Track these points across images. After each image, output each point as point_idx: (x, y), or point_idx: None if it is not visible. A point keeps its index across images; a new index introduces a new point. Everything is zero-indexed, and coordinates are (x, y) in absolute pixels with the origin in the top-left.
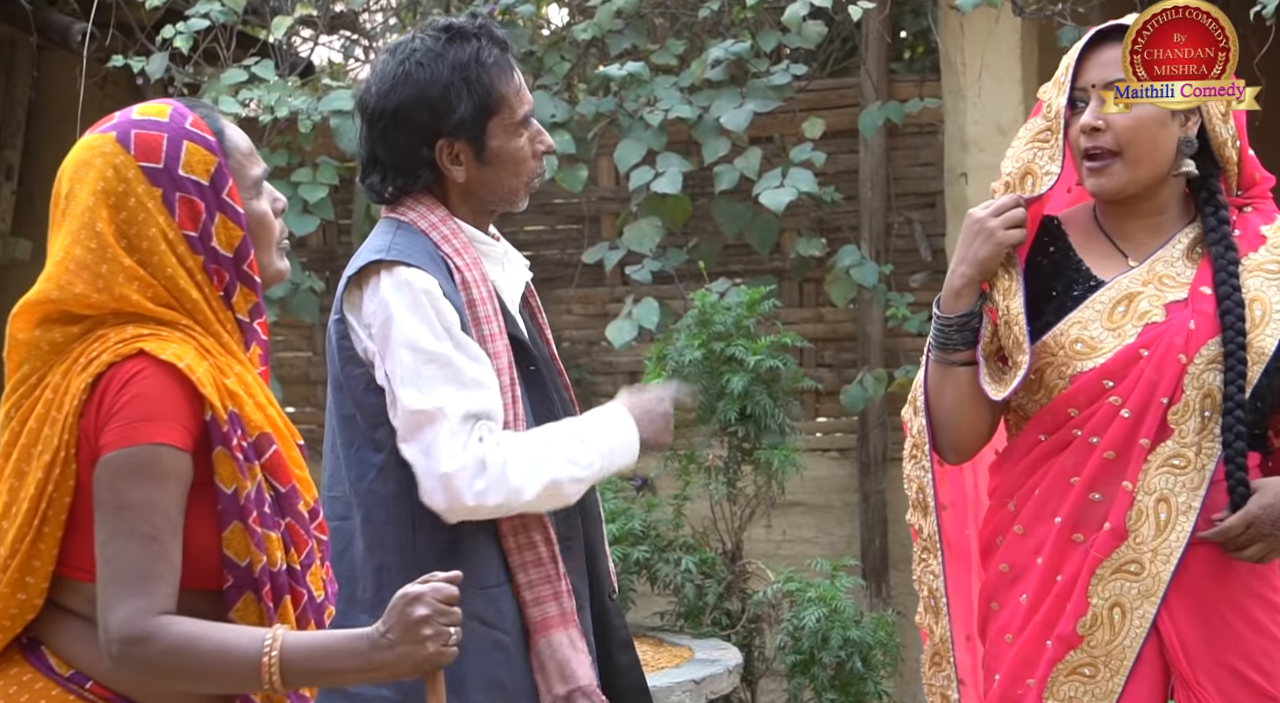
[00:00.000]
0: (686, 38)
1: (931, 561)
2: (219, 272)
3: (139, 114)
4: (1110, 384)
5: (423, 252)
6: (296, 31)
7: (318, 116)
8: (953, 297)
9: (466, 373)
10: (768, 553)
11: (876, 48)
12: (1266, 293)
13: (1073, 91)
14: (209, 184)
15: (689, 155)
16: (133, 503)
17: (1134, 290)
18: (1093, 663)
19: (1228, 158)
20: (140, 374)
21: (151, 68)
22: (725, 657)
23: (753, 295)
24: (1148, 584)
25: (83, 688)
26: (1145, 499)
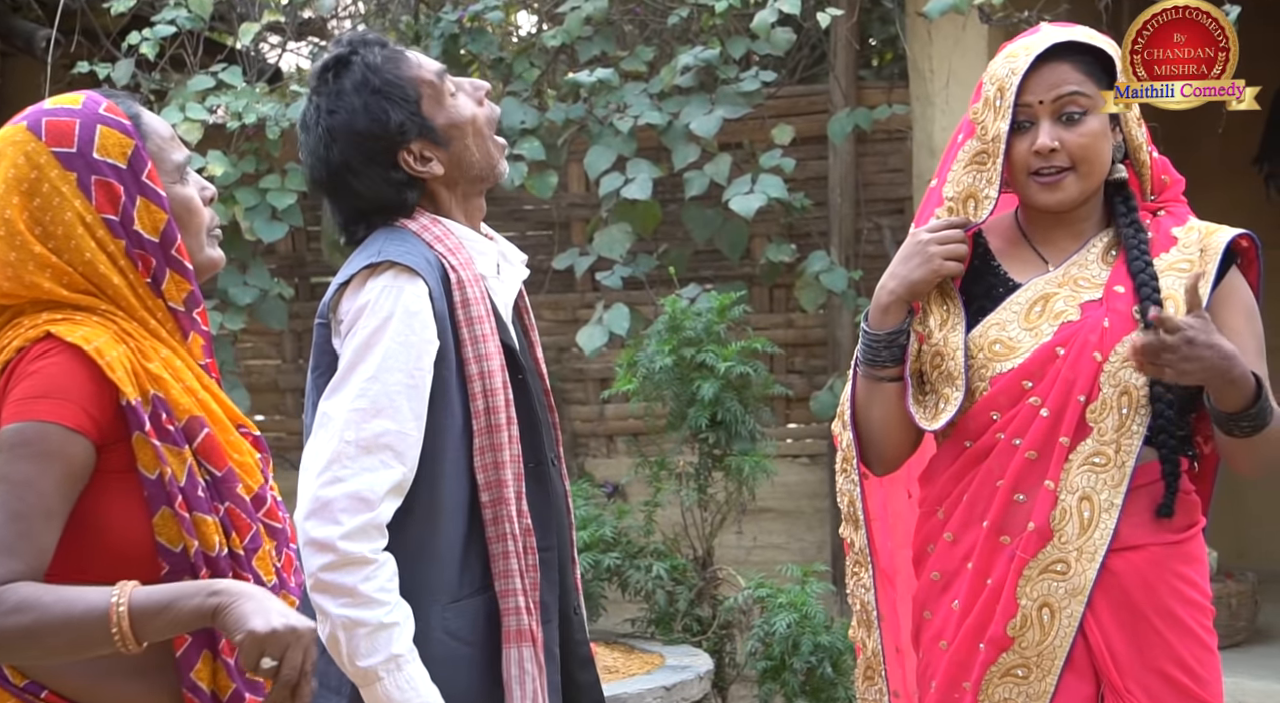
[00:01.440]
0: (656, 44)
1: (863, 574)
2: (144, 257)
3: (51, 103)
4: (1029, 384)
5: (417, 254)
6: (264, 38)
7: (286, 123)
8: (880, 313)
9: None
10: (738, 559)
11: (845, 55)
12: (1178, 292)
13: (1017, 109)
14: (126, 167)
15: (659, 162)
16: (7, 477)
17: (1049, 292)
18: (1025, 664)
19: (1142, 161)
20: (45, 355)
21: (117, 74)
22: (696, 663)
23: (723, 301)
24: (1075, 583)
25: (38, 698)
26: (1068, 498)
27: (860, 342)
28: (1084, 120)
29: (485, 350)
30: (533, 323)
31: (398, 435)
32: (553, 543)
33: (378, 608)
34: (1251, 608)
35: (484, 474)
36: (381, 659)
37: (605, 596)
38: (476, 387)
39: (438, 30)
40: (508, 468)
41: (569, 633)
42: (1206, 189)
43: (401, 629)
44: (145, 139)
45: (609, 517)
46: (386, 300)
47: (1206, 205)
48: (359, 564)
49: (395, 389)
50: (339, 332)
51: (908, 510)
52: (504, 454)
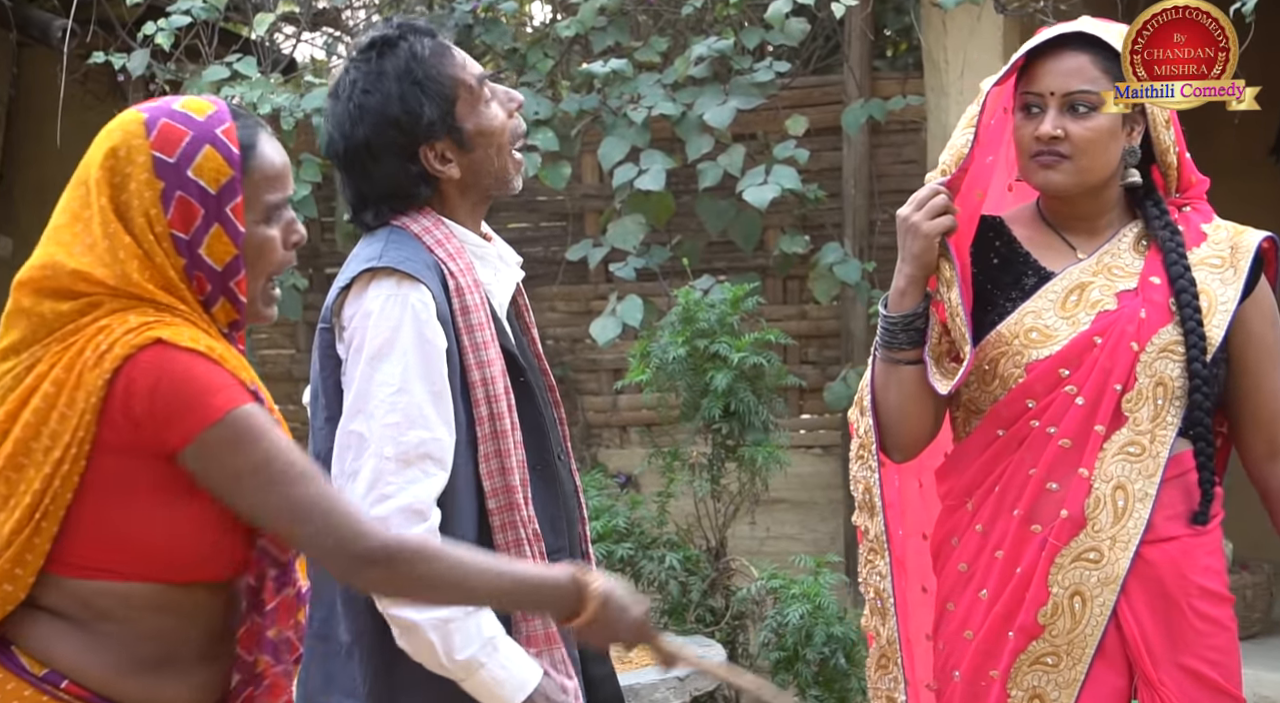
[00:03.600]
0: (670, 35)
1: (879, 561)
2: (201, 278)
3: (179, 105)
4: (1066, 372)
5: (417, 258)
6: (279, 28)
7: (300, 114)
8: (898, 296)
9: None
10: (751, 550)
11: (859, 45)
12: (1211, 286)
13: (1026, 95)
14: (215, 193)
15: (672, 152)
16: (265, 458)
17: (1085, 280)
18: (1055, 652)
19: (1169, 163)
20: (169, 364)
21: (133, 65)
22: (709, 653)
23: (736, 292)
24: (1107, 572)
25: (57, 688)
26: (1103, 487)
27: (879, 326)
28: (1091, 115)
29: (487, 356)
30: (532, 321)
31: (435, 444)
32: (563, 545)
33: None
34: (1267, 600)
35: (490, 481)
36: (479, 646)
37: None
38: (479, 394)
39: (452, 20)
40: (514, 473)
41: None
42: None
43: (488, 614)
44: (248, 173)
45: (622, 508)
46: (392, 309)
47: (1221, 198)
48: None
49: (423, 399)
50: (343, 338)
51: (918, 500)
52: (510, 460)
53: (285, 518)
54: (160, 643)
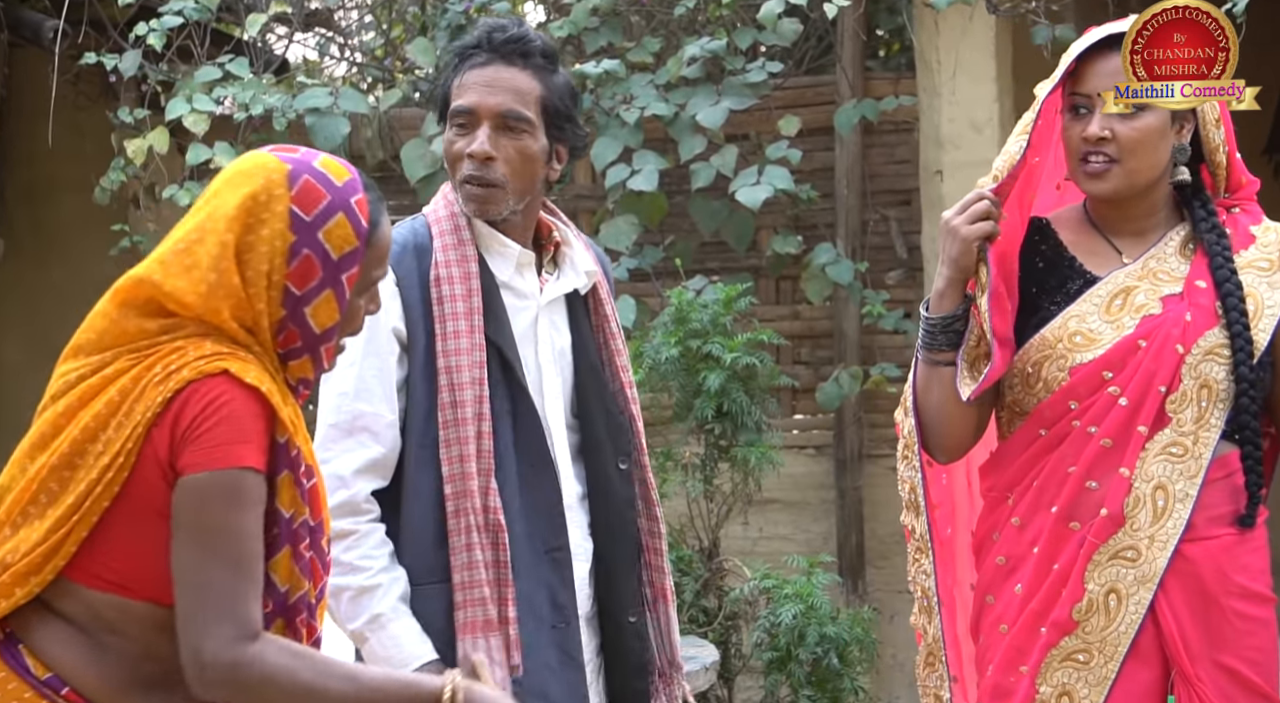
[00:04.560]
0: (662, 35)
1: (924, 560)
2: (292, 334)
3: (321, 164)
4: (1109, 375)
5: (405, 242)
6: (271, 29)
7: (292, 114)
8: (937, 298)
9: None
10: (744, 550)
11: (852, 45)
12: (1258, 289)
13: (1074, 96)
14: (336, 260)
15: (665, 153)
16: (225, 528)
17: (1130, 284)
18: (1087, 649)
19: (1218, 163)
20: (226, 395)
21: (125, 65)
22: (702, 654)
23: (729, 293)
24: (1144, 570)
25: (57, 694)
26: (1143, 487)
27: (920, 327)
28: (1140, 114)
29: (456, 345)
30: (611, 325)
31: (373, 418)
32: (562, 544)
33: (358, 574)
34: None
35: (449, 467)
36: (365, 621)
37: None
38: (442, 380)
39: (444, 21)
40: (471, 462)
41: (621, 640)
42: None
43: (384, 591)
44: (369, 248)
45: None
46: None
47: None
48: (340, 537)
49: (369, 373)
50: None
51: (967, 499)
52: (469, 448)
53: (183, 587)
54: (160, 665)
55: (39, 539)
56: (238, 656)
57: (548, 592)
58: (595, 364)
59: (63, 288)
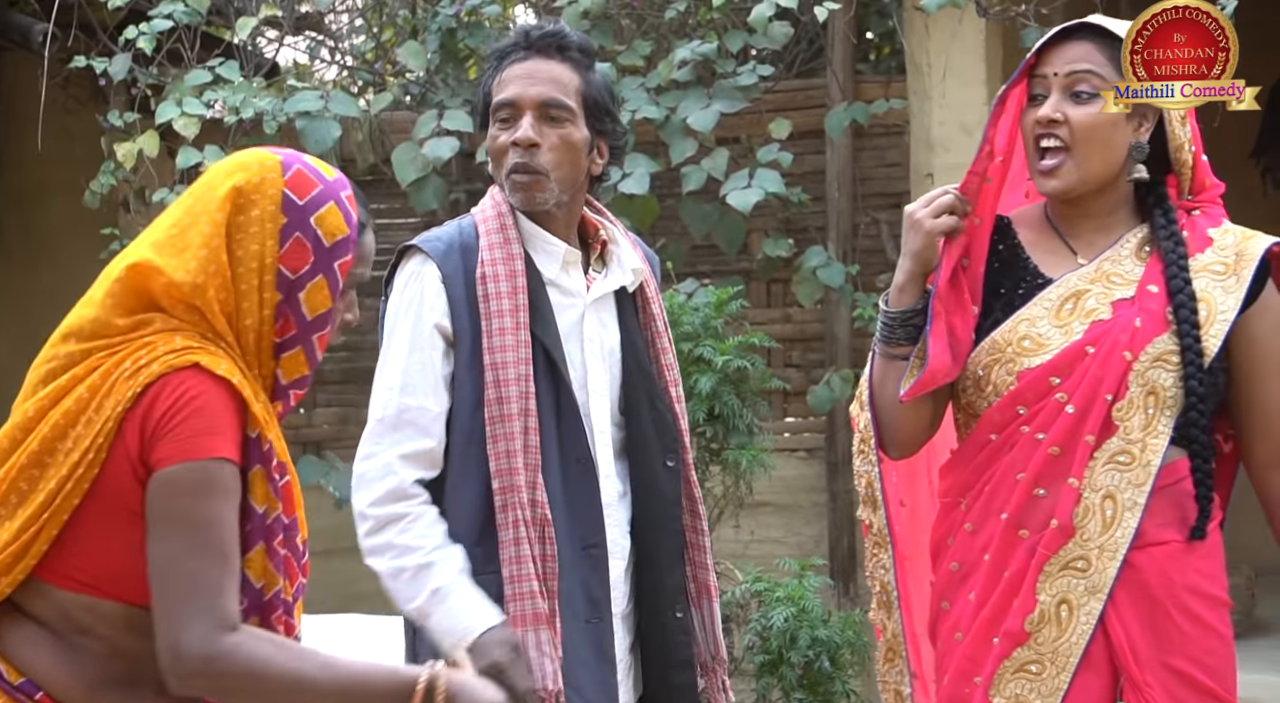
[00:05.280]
0: (653, 38)
1: (883, 555)
2: (288, 322)
3: (313, 160)
4: (1056, 380)
5: (450, 241)
6: (261, 32)
7: (283, 118)
8: (896, 291)
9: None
10: (736, 553)
11: (842, 49)
12: (1212, 294)
13: (1033, 81)
14: (329, 247)
15: (656, 156)
16: (200, 520)
17: (1081, 288)
18: (1039, 660)
19: (1183, 161)
20: (197, 388)
21: (114, 69)
22: None
23: (720, 296)
24: (1094, 581)
25: (32, 698)
26: (1092, 496)
27: (879, 320)
28: (1093, 101)
29: (502, 342)
30: (658, 323)
31: (419, 411)
32: (598, 539)
33: (414, 553)
34: (1248, 601)
35: (496, 462)
36: (426, 596)
37: None
38: (489, 376)
39: (435, 24)
40: (519, 457)
41: (666, 636)
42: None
43: (441, 566)
44: (358, 244)
45: None
46: (411, 284)
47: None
48: (393, 521)
49: (415, 368)
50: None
51: (928, 500)
52: (516, 443)
53: (160, 580)
54: (128, 663)
55: (9, 540)
56: (215, 647)
57: (583, 588)
58: (644, 362)
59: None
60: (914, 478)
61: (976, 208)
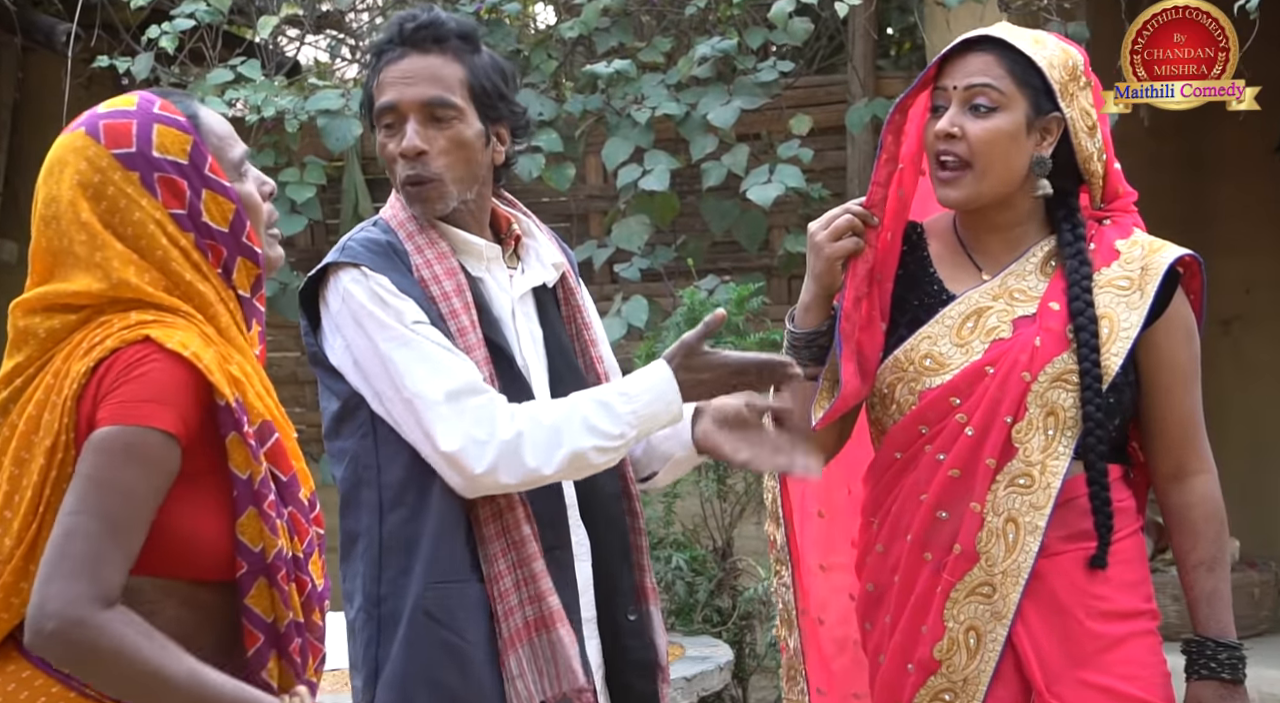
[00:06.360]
0: (673, 35)
1: (785, 572)
2: (214, 247)
3: (106, 107)
4: (957, 401)
5: (379, 249)
6: (282, 31)
7: (304, 116)
8: (802, 312)
9: (436, 354)
10: (758, 550)
11: (863, 44)
12: (1115, 310)
13: (935, 93)
14: (188, 162)
15: (676, 153)
16: (108, 481)
17: (984, 305)
18: (952, 688)
19: (1092, 171)
20: (145, 359)
21: (137, 68)
22: (716, 654)
23: (741, 292)
24: (998, 606)
25: (84, 684)
26: (994, 520)
27: (785, 339)
28: (991, 115)
29: (466, 343)
30: (585, 315)
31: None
32: (560, 543)
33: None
34: (1274, 598)
35: None
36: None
37: None
38: None
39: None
40: None
41: (619, 639)
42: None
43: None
44: (204, 136)
45: None
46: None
47: (1220, 194)
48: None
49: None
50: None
51: (848, 507)
52: None
53: (54, 532)
54: (181, 637)
55: (13, 543)
56: (87, 615)
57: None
58: (570, 359)
59: None
60: (831, 487)
61: (885, 220)
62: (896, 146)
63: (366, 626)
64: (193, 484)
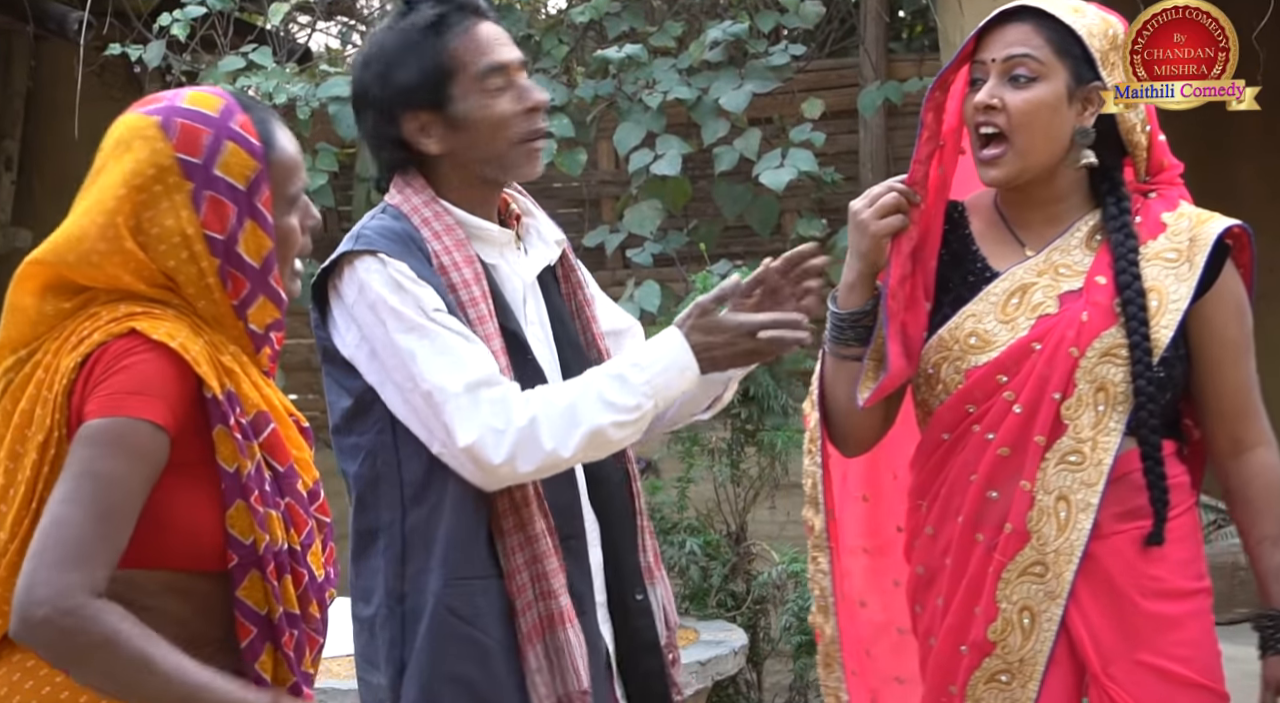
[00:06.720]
0: (684, 19)
1: (822, 559)
2: (237, 279)
3: (188, 102)
4: (1004, 379)
5: (395, 236)
6: (293, 18)
7: (316, 103)
8: (846, 292)
9: (455, 345)
10: (772, 534)
11: (875, 27)
12: (1163, 282)
13: (973, 66)
14: (244, 189)
15: (688, 137)
16: (98, 473)
17: (1029, 281)
18: (1008, 669)
19: (1136, 142)
20: (131, 351)
21: (149, 56)
22: (731, 638)
23: None
24: (1052, 586)
25: None
26: (1045, 499)
27: (828, 320)
28: (1031, 85)
29: (484, 332)
30: (585, 292)
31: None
32: (575, 532)
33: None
34: None
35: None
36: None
37: None
38: None
39: None
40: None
41: (628, 620)
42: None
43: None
44: (271, 166)
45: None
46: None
47: (1239, 177)
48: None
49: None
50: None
51: (894, 492)
52: None
53: (42, 523)
54: (182, 627)
55: (7, 537)
56: (76, 603)
57: (567, 582)
58: (574, 338)
59: None
60: (877, 471)
61: (927, 198)
62: (937, 124)
63: (389, 623)
64: (186, 474)
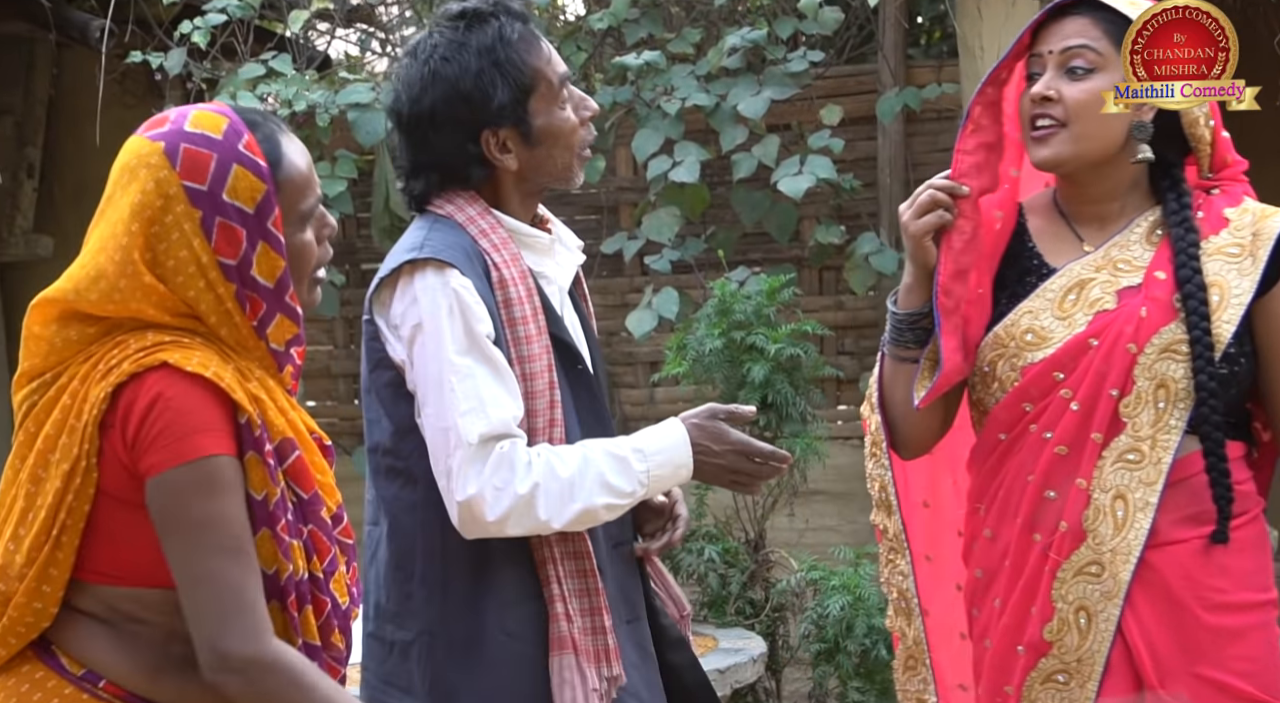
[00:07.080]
0: (703, 26)
1: (900, 561)
2: (254, 301)
3: (192, 125)
4: (1060, 376)
5: (459, 248)
6: (313, 25)
7: (335, 110)
8: (905, 293)
9: (487, 388)
10: (791, 542)
11: (893, 33)
12: (1225, 277)
13: (1030, 60)
14: (253, 212)
15: (707, 144)
16: (208, 519)
17: (1086, 277)
18: (1065, 669)
19: (1199, 138)
20: (168, 389)
21: (170, 64)
22: (750, 646)
23: (772, 284)
24: (1108, 586)
25: (95, 687)
26: (1102, 497)
27: (888, 322)
28: (1089, 77)
29: (530, 351)
30: (589, 305)
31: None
32: (625, 536)
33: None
34: None
35: None
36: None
37: None
38: (521, 388)
39: None
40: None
41: (654, 619)
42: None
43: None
44: (279, 185)
45: None
46: (440, 299)
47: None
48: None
49: (485, 380)
50: (396, 335)
51: (953, 497)
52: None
53: (186, 584)
54: (189, 645)
55: (24, 562)
56: (261, 649)
57: (620, 588)
58: (595, 343)
59: None
60: (936, 476)
61: (993, 199)
62: (985, 118)
63: (433, 650)
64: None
